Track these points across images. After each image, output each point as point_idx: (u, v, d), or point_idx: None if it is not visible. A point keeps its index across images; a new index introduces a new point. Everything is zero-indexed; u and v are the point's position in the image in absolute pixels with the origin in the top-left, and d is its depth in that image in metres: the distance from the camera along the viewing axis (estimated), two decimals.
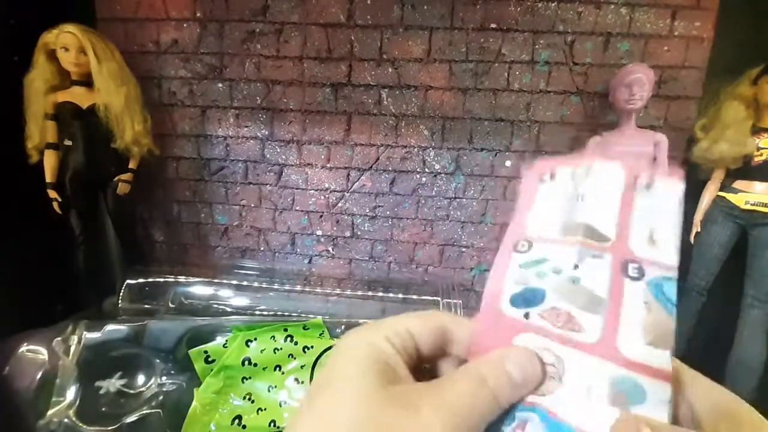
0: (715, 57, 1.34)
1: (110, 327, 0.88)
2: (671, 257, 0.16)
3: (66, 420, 0.80)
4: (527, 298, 0.17)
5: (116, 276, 1.39)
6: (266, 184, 1.57)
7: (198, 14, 1.46)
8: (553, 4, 1.36)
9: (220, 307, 1.09)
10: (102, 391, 0.85)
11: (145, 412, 0.83)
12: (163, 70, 1.51)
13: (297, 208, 1.58)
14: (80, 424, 0.80)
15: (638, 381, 0.14)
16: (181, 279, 1.16)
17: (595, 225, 0.17)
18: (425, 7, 1.39)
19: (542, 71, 1.41)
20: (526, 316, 0.16)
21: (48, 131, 1.28)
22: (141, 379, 0.86)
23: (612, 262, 0.16)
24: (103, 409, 0.83)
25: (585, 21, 1.36)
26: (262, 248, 1.64)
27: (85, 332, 0.87)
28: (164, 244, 1.67)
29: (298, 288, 1.22)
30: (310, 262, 1.64)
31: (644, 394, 0.14)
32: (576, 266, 0.17)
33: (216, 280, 1.17)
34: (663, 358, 0.14)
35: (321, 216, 1.58)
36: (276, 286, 1.20)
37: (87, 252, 1.39)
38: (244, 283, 1.19)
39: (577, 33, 1.37)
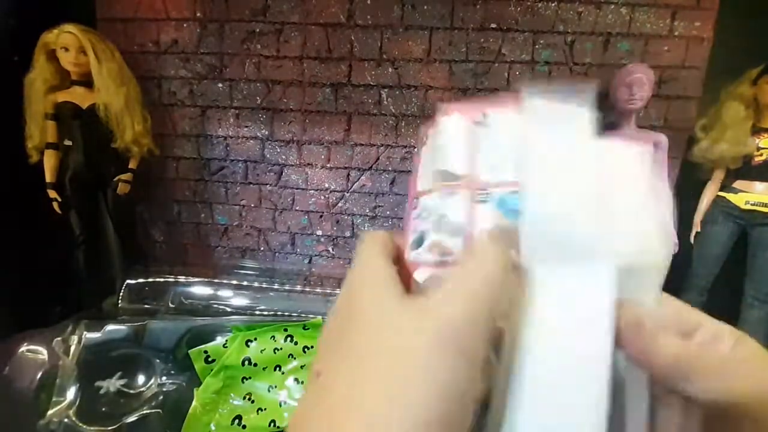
0: (715, 57, 1.34)
1: (110, 327, 0.87)
2: (510, 174, 0.19)
3: (66, 420, 0.80)
4: (417, 242, 0.20)
5: (116, 276, 1.39)
6: (266, 184, 1.57)
7: (198, 14, 1.46)
8: (553, 4, 1.36)
9: (220, 307, 1.08)
10: (102, 391, 0.85)
11: (145, 412, 0.83)
12: (163, 70, 1.51)
13: (297, 208, 1.58)
14: (80, 424, 0.80)
15: None
16: (181, 279, 1.16)
17: (447, 168, 0.20)
18: (425, 7, 1.39)
19: (542, 71, 1.41)
20: (418, 255, 0.19)
21: (48, 131, 1.28)
22: (141, 379, 0.86)
23: (466, 195, 0.19)
24: (103, 409, 0.83)
25: (585, 21, 1.36)
26: (262, 248, 1.64)
27: (85, 332, 0.86)
28: (164, 244, 1.67)
29: (298, 288, 1.22)
30: (310, 262, 1.64)
31: None
32: (441, 207, 0.20)
33: (216, 280, 1.17)
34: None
35: (321, 216, 1.58)
36: (276, 286, 1.20)
37: (87, 252, 1.39)
38: (244, 283, 1.19)
39: (577, 33, 1.37)
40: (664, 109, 1.39)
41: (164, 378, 0.86)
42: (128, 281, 1.14)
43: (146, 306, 1.09)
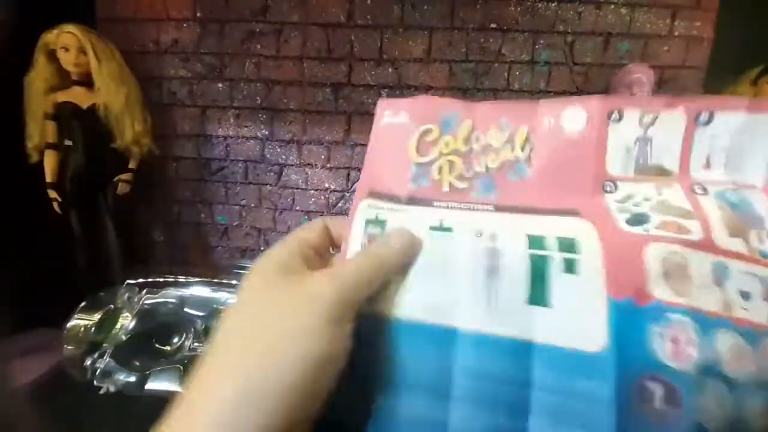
0: (715, 57, 1.34)
1: (164, 292, 1.05)
2: (721, 174, 0.21)
3: (107, 359, 0.94)
4: (639, 219, 0.20)
5: (116, 276, 1.39)
6: (266, 184, 1.57)
7: (198, 14, 1.46)
8: (553, 4, 1.36)
9: (219, 307, 1.09)
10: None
11: (167, 367, 0.94)
12: (163, 70, 1.51)
13: (297, 208, 1.58)
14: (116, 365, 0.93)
15: (724, 263, 0.19)
16: (181, 279, 1.17)
17: (664, 164, 0.22)
18: (425, 7, 1.39)
19: (542, 71, 1.41)
20: (646, 230, 0.20)
21: (48, 131, 1.28)
22: (175, 339, 1.01)
23: (681, 187, 0.21)
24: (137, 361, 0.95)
25: (585, 21, 1.36)
26: (262, 248, 1.64)
27: (144, 296, 1.04)
28: (164, 244, 1.67)
29: None
30: None
31: (728, 271, 0.19)
32: (660, 193, 0.21)
33: (216, 280, 1.18)
34: (740, 245, 0.19)
35: (321, 216, 1.58)
36: None
37: (87, 252, 1.39)
38: None
39: (577, 33, 1.37)
40: None
41: (196, 343, 0.99)
42: (128, 281, 1.15)
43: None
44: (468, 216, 0.22)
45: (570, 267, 0.20)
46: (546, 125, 0.24)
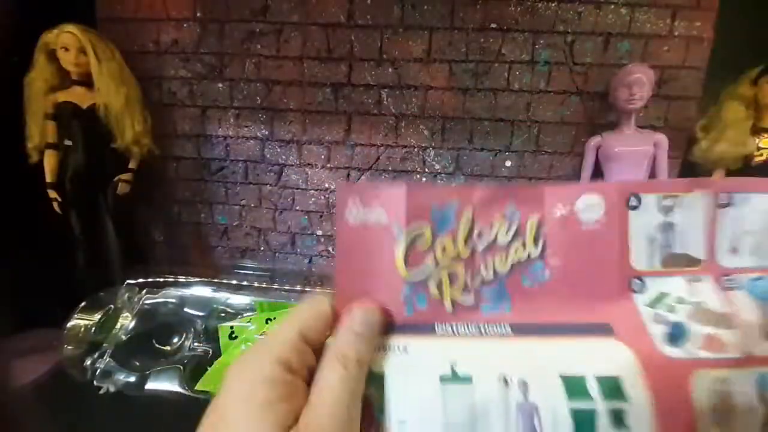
0: (715, 57, 1.34)
1: (164, 292, 1.05)
2: (749, 259, 0.19)
3: (107, 359, 0.93)
4: (678, 336, 0.18)
5: (116, 276, 1.39)
6: (266, 184, 1.57)
7: (198, 14, 1.46)
8: (553, 4, 1.36)
9: (219, 306, 1.09)
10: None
11: (166, 367, 0.94)
12: (163, 70, 1.51)
13: (297, 208, 1.58)
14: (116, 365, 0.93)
15: (766, 373, 0.17)
16: (181, 279, 1.16)
17: (690, 252, 0.20)
18: (425, 7, 1.39)
19: (542, 71, 1.41)
20: (689, 351, 0.18)
21: (48, 131, 1.28)
22: (175, 339, 1.01)
23: (712, 280, 0.19)
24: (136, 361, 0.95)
25: (585, 21, 1.36)
26: (262, 248, 1.64)
27: (144, 296, 1.04)
28: (164, 244, 1.67)
29: (298, 288, 1.23)
30: (310, 262, 1.64)
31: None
32: (691, 292, 0.19)
33: (216, 280, 1.18)
34: None
35: (321, 216, 1.58)
36: (276, 286, 1.22)
37: (87, 252, 1.39)
38: (244, 283, 1.20)
39: (577, 33, 1.37)
40: (664, 109, 1.39)
41: (196, 343, 0.99)
42: (128, 281, 1.15)
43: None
44: (484, 349, 0.19)
45: (618, 421, 0.17)
46: (558, 215, 0.20)
